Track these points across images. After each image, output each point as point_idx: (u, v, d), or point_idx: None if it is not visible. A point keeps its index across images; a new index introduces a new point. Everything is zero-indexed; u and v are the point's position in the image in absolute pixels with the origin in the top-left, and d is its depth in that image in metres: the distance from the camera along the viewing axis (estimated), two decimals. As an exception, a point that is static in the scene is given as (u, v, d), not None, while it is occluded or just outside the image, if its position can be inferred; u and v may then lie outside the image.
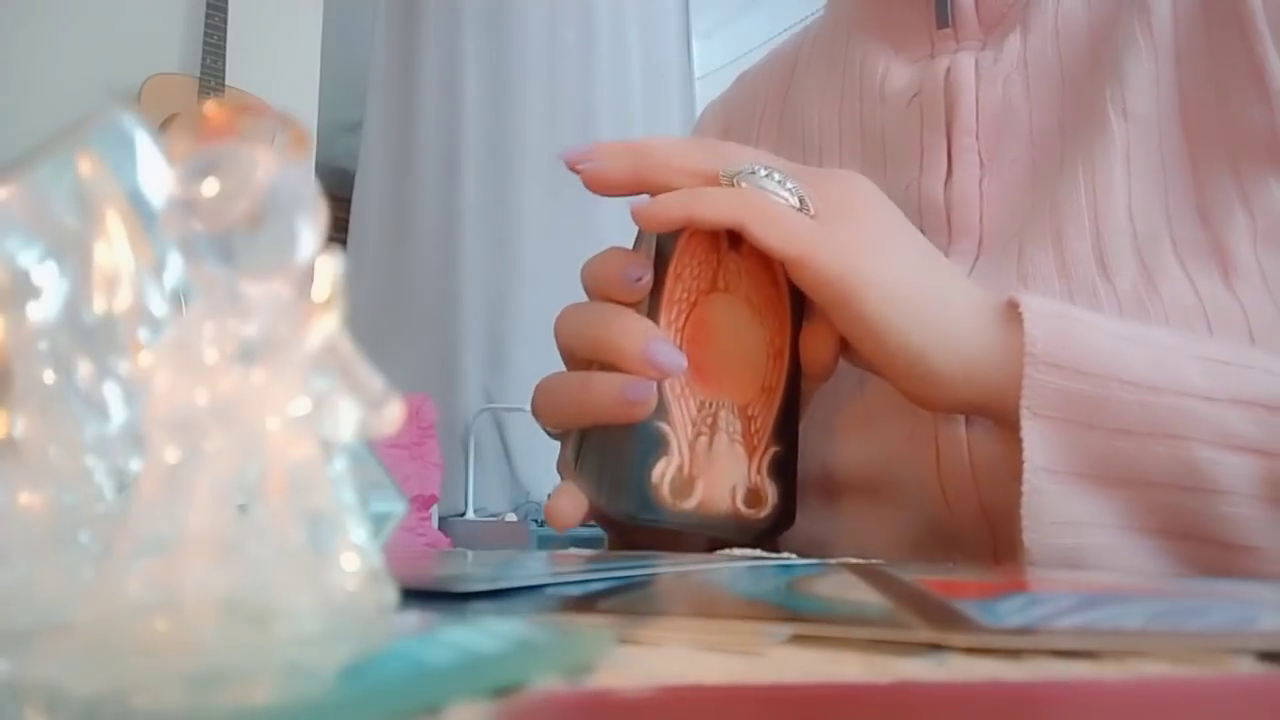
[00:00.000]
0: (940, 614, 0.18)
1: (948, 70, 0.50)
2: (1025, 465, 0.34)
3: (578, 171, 0.39)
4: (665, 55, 3.24)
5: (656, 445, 0.37)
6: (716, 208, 0.36)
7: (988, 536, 0.41)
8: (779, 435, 0.39)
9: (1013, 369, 0.34)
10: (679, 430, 0.37)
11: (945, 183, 0.48)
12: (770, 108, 0.61)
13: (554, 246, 2.75)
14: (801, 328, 0.40)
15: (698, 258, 0.39)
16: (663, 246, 0.38)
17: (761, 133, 0.60)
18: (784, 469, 0.39)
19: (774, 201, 0.37)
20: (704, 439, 0.38)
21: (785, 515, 0.39)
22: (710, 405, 0.38)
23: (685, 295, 0.38)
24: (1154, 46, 0.46)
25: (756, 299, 0.40)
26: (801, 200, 0.37)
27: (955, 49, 0.51)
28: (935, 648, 0.16)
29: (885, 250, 0.37)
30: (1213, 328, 0.39)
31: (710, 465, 0.37)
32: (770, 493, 0.39)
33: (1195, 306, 0.39)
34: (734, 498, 0.38)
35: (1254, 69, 0.43)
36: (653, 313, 0.37)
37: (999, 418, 0.36)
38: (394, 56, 2.91)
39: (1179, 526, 0.34)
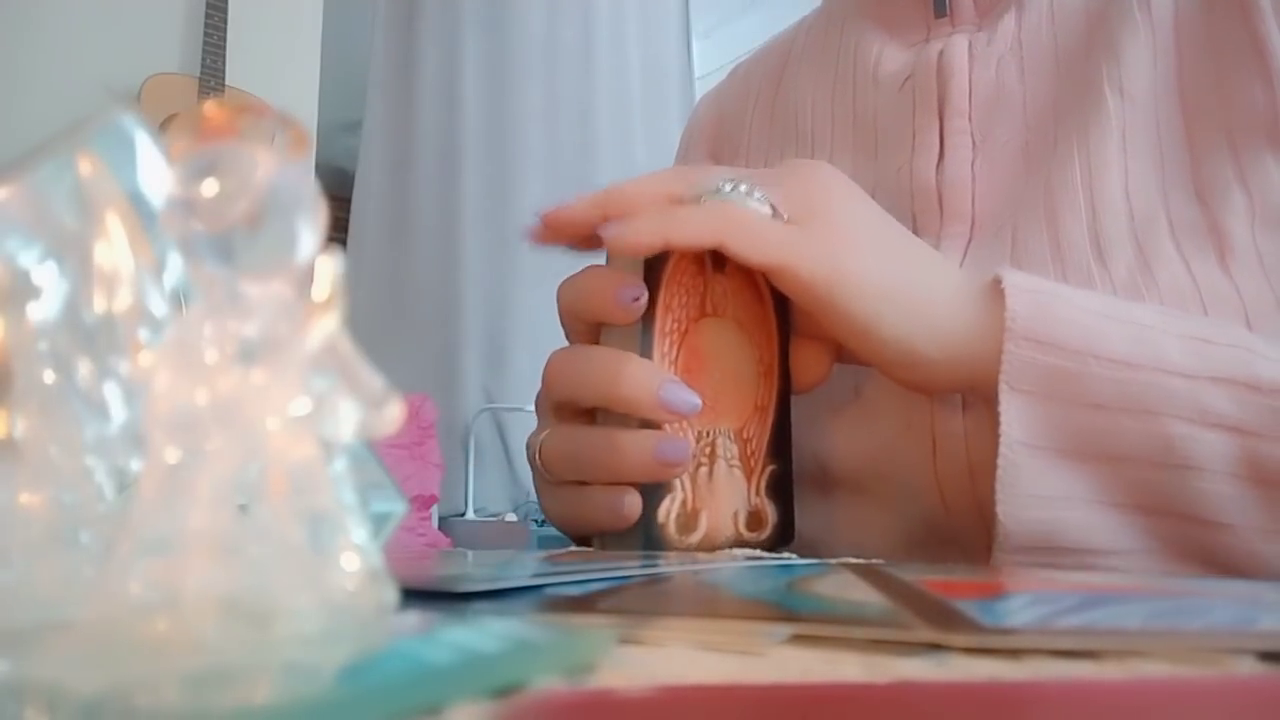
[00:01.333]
0: (940, 614, 0.18)
1: (940, 52, 0.50)
2: (1001, 439, 0.34)
3: (542, 220, 0.39)
4: (665, 55, 3.24)
5: (661, 485, 0.36)
6: (692, 227, 0.36)
7: (983, 532, 0.41)
8: (775, 453, 0.39)
9: (994, 345, 0.35)
10: None
11: (937, 165, 0.48)
12: (762, 98, 0.61)
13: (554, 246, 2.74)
14: (789, 339, 0.40)
15: (685, 284, 0.38)
16: (649, 275, 0.37)
17: (753, 123, 0.60)
18: (781, 485, 0.39)
19: (748, 213, 0.36)
20: (704, 469, 0.37)
21: (785, 533, 0.39)
22: (708, 434, 0.38)
23: (676, 325, 0.38)
24: (1152, 25, 0.45)
25: (744, 317, 0.39)
26: (773, 208, 0.37)
27: (950, 32, 0.51)
28: (935, 648, 0.16)
29: (862, 244, 0.37)
30: (1208, 312, 0.39)
31: (712, 495, 0.37)
32: (770, 512, 0.39)
33: (1191, 291, 0.39)
34: (736, 523, 0.38)
35: (1254, 47, 0.43)
36: (645, 347, 0.37)
37: (984, 395, 0.36)
38: (394, 56, 2.91)
39: (1154, 502, 0.34)
